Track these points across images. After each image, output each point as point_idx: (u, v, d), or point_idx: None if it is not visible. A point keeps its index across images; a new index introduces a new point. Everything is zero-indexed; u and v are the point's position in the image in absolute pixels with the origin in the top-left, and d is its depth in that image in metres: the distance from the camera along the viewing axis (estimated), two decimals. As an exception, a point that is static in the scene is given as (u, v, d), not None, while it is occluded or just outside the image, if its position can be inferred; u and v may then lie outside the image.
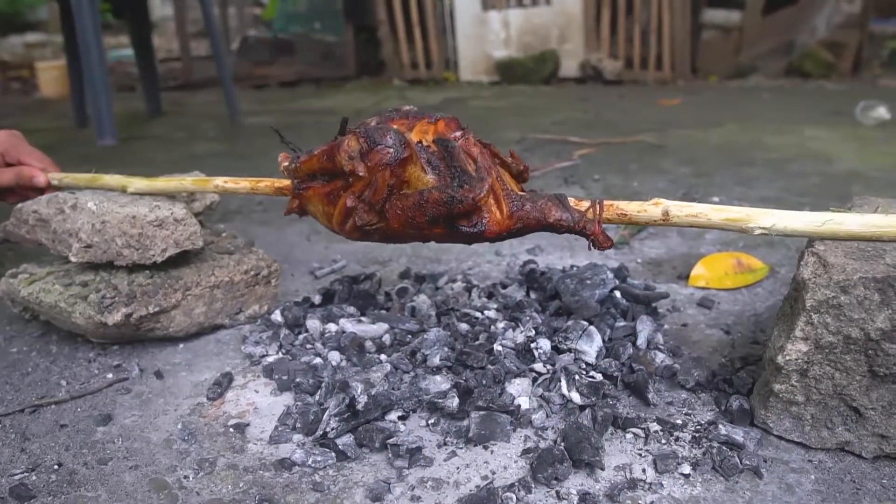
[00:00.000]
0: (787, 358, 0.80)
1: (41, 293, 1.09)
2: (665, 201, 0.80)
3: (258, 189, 1.04)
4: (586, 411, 0.88)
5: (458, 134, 0.85)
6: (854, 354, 0.78)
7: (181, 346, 1.13)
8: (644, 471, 0.80)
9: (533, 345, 1.00)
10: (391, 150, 0.79)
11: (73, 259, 1.07)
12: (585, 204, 0.83)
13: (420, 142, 0.85)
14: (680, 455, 0.83)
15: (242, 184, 1.06)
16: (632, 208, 0.82)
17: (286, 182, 0.98)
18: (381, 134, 0.80)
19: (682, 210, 0.78)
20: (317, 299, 1.22)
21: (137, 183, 1.13)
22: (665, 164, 2.41)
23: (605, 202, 0.83)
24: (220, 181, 1.08)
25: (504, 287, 1.27)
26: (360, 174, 0.80)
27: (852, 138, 2.78)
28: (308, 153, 0.90)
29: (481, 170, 0.82)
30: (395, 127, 0.83)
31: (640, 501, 0.76)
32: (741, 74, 4.98)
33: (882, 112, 3.06)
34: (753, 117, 3.39)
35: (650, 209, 0.80)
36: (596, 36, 5.14)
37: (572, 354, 0.99)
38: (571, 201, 0.84)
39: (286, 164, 0.93)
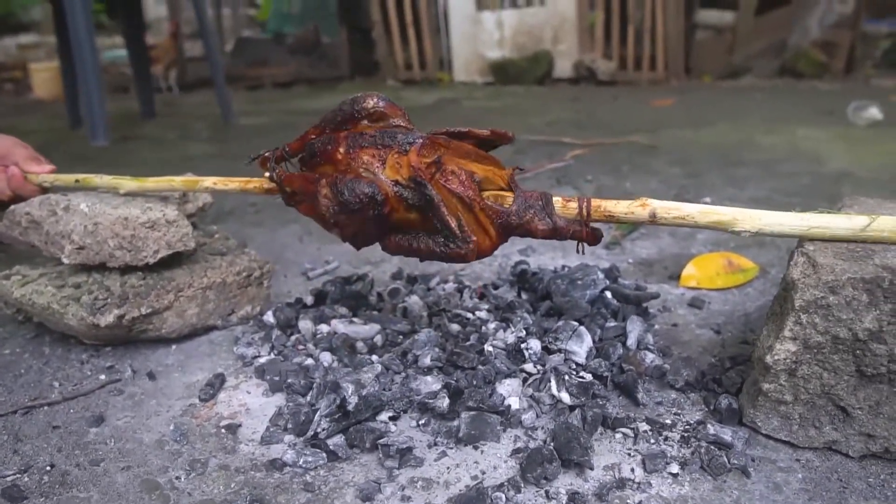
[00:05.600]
0: (776, 357, 0.81)
1: (34, 294, 1.09)
2: (652, 202, 0.81)
3: (248, 189, 1.04)
4: (576, 411, 0.88)
5: (432, 162, 0.83)
6: (842, 354, 0.78)
7: (174, 347, 1.13)
8: (633, 470, 0.81)
9: (523, 345, 1.01)
10: (369, 210, 0.83)
11: (65, 261, 1.07)
12: (573, 205, 0.84)
13: (397, 181, 0.84)
14: (669, 455, 0.83)
15: (232, 185, 1.06)
16: (619, 209, 0.82)
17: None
18: (354, 194, 0.82)
19: (668, 212, 0.79)
20: (309, 300, 1.23)
21: (128, 184, 1.13)
22: (657, 164, 2.42)
23: (593, 203, 0.83)
24: (209, 181, 1.08)
25: (496, 288, 1.27)
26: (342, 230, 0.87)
27: (844, 138, 2.80)
28: (287, 173, 0.93)
29: (464, 229, 0.82)
30: (369, 172, 0.84)
31: (628, 501, 0.76)
32: (734, 74, 5.00)
33: (874, 112, 3.07)
34: (746, 117, 3.40)
35: (637, 210, 0.81)
36: (590, 36, 5.16)
37: (562, 355, 1.00)
38: (558, 201, 0.84)
39: (267, 174, 0.96)
